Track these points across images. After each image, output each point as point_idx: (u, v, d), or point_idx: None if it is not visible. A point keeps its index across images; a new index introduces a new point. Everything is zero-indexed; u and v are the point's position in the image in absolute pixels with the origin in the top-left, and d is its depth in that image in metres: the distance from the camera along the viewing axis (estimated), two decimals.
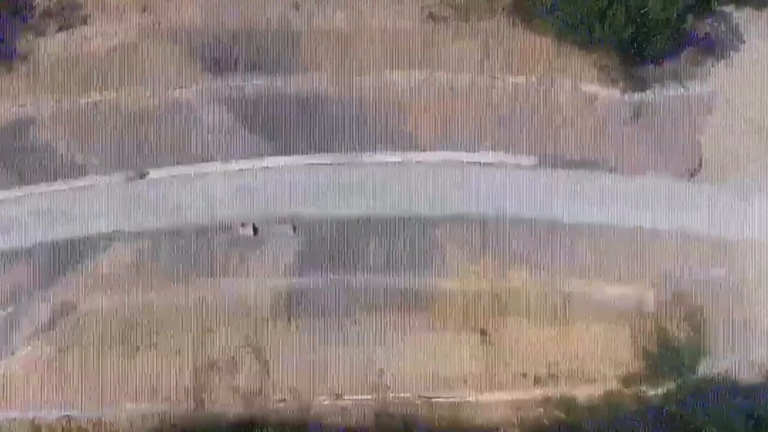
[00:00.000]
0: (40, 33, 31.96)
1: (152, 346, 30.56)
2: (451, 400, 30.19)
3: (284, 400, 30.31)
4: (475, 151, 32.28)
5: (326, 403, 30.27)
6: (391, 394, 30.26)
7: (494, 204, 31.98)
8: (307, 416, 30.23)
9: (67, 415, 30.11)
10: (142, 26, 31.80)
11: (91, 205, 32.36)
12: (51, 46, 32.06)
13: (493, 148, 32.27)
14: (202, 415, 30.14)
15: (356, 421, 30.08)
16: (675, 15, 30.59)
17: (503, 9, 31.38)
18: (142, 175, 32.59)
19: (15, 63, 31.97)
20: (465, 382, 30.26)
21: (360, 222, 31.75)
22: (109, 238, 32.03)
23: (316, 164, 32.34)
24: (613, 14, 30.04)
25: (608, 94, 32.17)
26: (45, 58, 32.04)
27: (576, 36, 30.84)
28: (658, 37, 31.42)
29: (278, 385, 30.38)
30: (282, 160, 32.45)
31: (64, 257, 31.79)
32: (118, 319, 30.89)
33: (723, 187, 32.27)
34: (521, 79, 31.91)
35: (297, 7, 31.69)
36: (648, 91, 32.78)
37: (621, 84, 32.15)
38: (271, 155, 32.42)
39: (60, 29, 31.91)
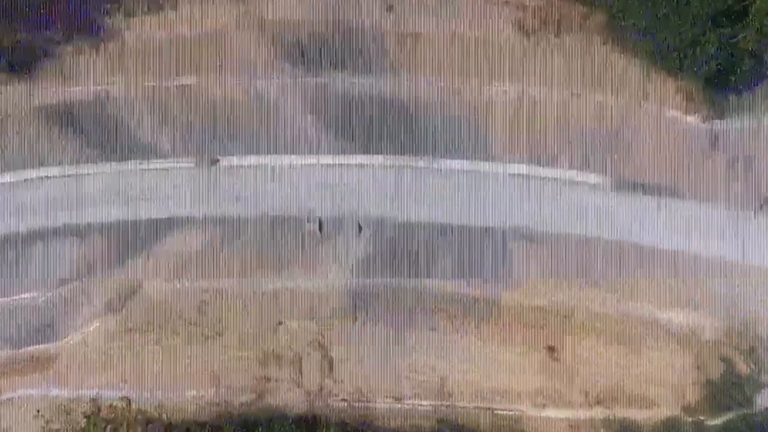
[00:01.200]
0: (130, 13, 31.88)
1: (219, 335, 30.63)
2: (513, 413, 30.28)
3: (346, 399, 30.40)
4: (551, 167, 32.22)
5: (387, 406, 30.37)
6: (452, 402, 30.31)
7: (565, 221, 31.94)
8: (367, 417, 30.32)
9: (128, 397, 30.16)
10: (233, 14, 31.72)
11: (163, 188, 32.39)
12: (139, 27, 31.99)
13: (570, 166, 32.21)
14: (264, 408, 30.24)
15: (416, 426, 30.17)
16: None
17: (596, 28, 31.26)
18: (213, 162, 32.57)
19: (102, 41, 31.87)
20: (527, 396, 30.36)
21: (430, 228, 31.73)
22: (179, 222, 32.05)
23: (391, 166, 32.27)
24: (706, 42, 29.95)
25: (689, 120, 32.11)
26: (132, 38, 31.96)
27: (666, 61, 30.75)
28: (742, 67, 31.32)
29: (341, 385, 30.50)
30: (356, 159, 32.40)
31: (134, 237, 31.88)
32: (186, 305, 30.97)
33: None
34: (605, 99, 31.81)
35: (390, 10, 31.54)
36: (726, 120, 32.68)
37: (702, 112, 32.07)
38: (345, 153, 32.36)
39: (149, 11, 31.79)
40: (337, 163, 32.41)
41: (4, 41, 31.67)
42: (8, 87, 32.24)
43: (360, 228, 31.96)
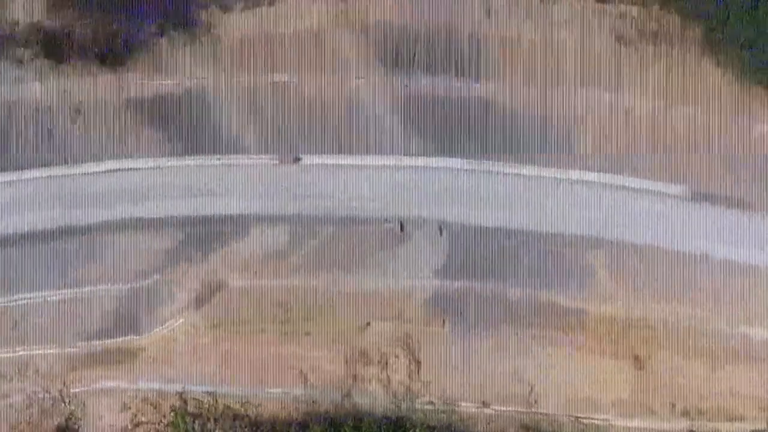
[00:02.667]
0: (226, 8, 31.88)
1: (307, 334, 30.64)
2: (598, 422, 30.31)
3: (432, 402, 30.43)
4: (635, 176, 32.23)
5: (473, 410, 30.40)
6: (538, 409, 30.35)
7: (646, 232, 31.92)
8: (452, 421, 30.35)
9: (214, 392, 30.20)
10: (332, 13, 31.73)
11: (244, 184, 32.38)
12: (235, 22, 32.00)
13: (654, 176, 32.20)
14: (350, 407, 30.25)
15: (501, 431, 30.24)
16: None
17: (694, 39, 31.28)
18: (296, 160, 32.56)
19: (197, 36, 31.88)
20: (613, 405, 30.38)
21: (511, 234, 31.74)
22: (259, 219, 32.03)
23: (473, 170, 32.26)
24: None
25: None
26: (228, 34, 31.99)
27: (761, 75, 30.76)
28: None
29: (427, 387, 30.49)
30: (439, 162, 32.42)
31: (215, 233, 31.87)
32: (271, 302, 30.97)
33: None
34: (696, 111, 31.84)
35: (489, 14, 31.57)
36: None
37: None
38: (429, 155, 32.39)
39: (247, 7, 31.81)
40: (420, 165, 32.44)
41: (99, 33, 31.68)
42: (99, 78, 32.25)
43: (441, 231, 31.93)
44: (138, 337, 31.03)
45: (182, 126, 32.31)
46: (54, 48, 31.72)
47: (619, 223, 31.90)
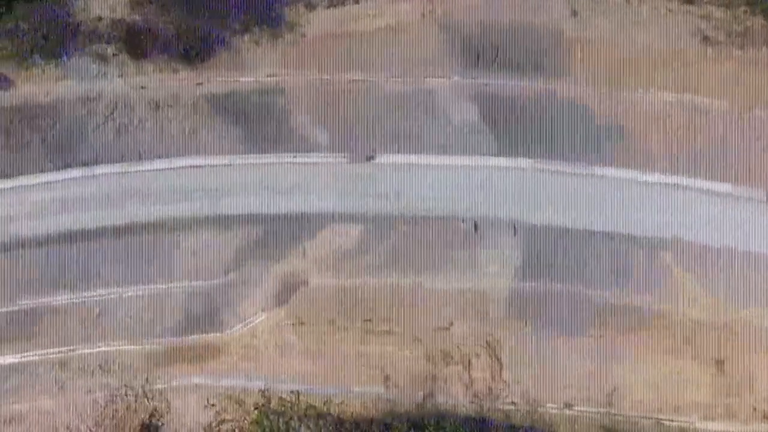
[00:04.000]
0: (311, 6, 31.83)
1: (388, 333, 30.65)
2: (680, 424, 30.27)
3: (514, 402, 30.42)
4: (709, 179, 32.10)
5: (555, 411, 30.39)
6: (620, 411, 30.32)
7: (723, 235, 31.78)
8: (534, 421, 30.35)
9: (297, 390, 30.24)
10: (416, 11, 31.65)
11: (317, 182, 32.35)
12: (319, 20, 31.95)
13: (731, 179, 32.09)
14: (432, 407, 30.27)
15: None
16: None
17: None
18: (369, 158, 32.51)
19: (280, 33, 31.84)
20: (696, 408, 30.33)
21: (585, 235, 31.65)
22: (333, 217, 32.02)
23: (549, 170, 32.18)
24: None
25: None
26: (311, 31, 31.96)
27: None
28: None
29: (510, 387, 30.48)
30: (515, 162, 32.33)
31: (289, 231, 31.86)
32: (354, 301, 30.98)
33: None
34: None
35: (574, 15, 31.45)
36: None
37: None
38: (505, 156, 32.29)
39: (331, 5, 31.74)
40: (495, 165, 32.34)
41: (181, 29, 31.65)
42: (179, 75, 32.27)
43: (515, 231, 31.87)
44: (219, 334, 31.06)
45: (257, 124, 32.33)
46: (136, 44, 31.71)
47: (698, 226, 31.77)
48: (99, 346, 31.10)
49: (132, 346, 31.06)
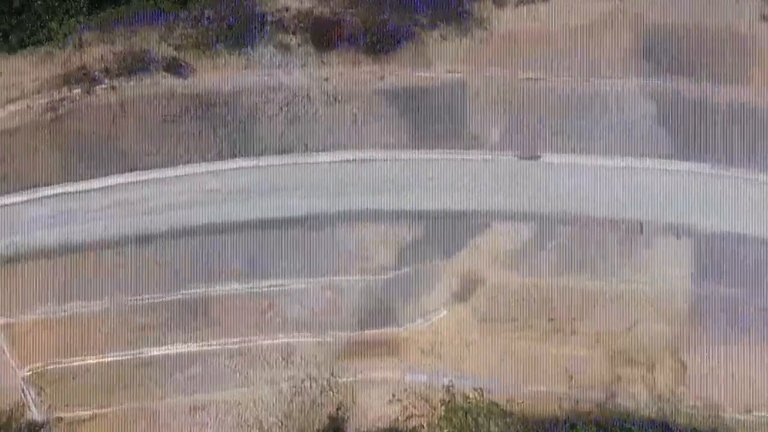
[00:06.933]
0: (501, 3, 31.64)
1: (573, 333, 30.65)
2: None
3: (696, 406, 30.44)
4: None
5: (738, 416, 30.40)
6: None
7: None
8: (717, 426, 30.36)
9: (480, 388, 30.26)
10: (605, 11, 31.48)
11: (484, 180, 32.25)
12: (508, 17, 31.78)
13: None
14: (614, 409, 30.29)
15: None
16: None
17: None
18: (536, 157, 32.43)
19: (467, 29, 31.70)
20: None
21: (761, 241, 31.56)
22: (499, 215, 31.92)
23: (722, 175, 32.02)
24: None
25: None
26: (497, 28, 31.78)
27: None
28: None
29: (693, 391, 30.49)
30: (687, 166, 32.18)
31: (457, 227, 31.83)
32: (535, 299, 30.97)
33: None
34: None
35: (764, 19, 31.30)
36: None
37: None
38: (677, 159, 32.15)
39: (521, 2, 31.58)
40: (667, 168, 32.18)
41: (368, 22, 31.50)
42: (361, 68, 32.11)
43: (678, 235, 31.79)
44: (399, 329, 31.01)
45: (430, 119, 32.20)
46: (322, 36, 31.57)
47: None
48: (279, 337, 31.08)
49: (312, 338, 31.02)
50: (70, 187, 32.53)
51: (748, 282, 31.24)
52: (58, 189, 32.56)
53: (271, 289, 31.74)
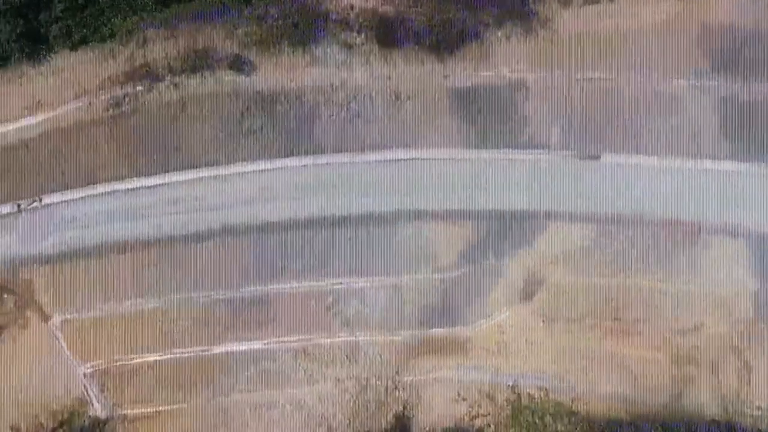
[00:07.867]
0: (566, 3, 31.63)
1: (639, 333, 30.57)
2: None
3: (760, 407, 30.35)
4: None
5: None
6: None
7: None
8: None
9: (545, 387, 30.20)
10: (672, 12, 31.44)
11: (542, 179, 32.20)
12: (573, 17, 31.77)
13: None
14: (678, 410, 30.19)
15: None
16: None
17: None
18: (595, 157, 32.38)
19: (532, 29, 31.67)
20: None
21: None
22: (556, 215, 31.88)
23: None
24: None
25: None
26: (562, 28, 31.76)
27: None
28: None
29: (758, 392, 30.40)
30: (749, 167, 32.08)
31: (514, 227, 31.79)
32: (599, 299, 30.90)
33: None
34: None
35: None
36: None
37: None
38: (738, 160, 32.04)
39: (586, 2, 31.55)
40: (728, 169, 32.10)
41: (434, 21, 31.47)
42: (426, 67, 32.12)
43: (741, 236, 31.69)
44: (463, 328, 30.95)
45: (491, 119, 32.23)
46: (386, 34, 31.54)
47: None
48: (341, 336, 31.00)
49: (375, 337, 30.97)
50: (130, 184, 32.52)
51: None
52: (118, 185, 32.53)
53: (333, 287, 31.64)
